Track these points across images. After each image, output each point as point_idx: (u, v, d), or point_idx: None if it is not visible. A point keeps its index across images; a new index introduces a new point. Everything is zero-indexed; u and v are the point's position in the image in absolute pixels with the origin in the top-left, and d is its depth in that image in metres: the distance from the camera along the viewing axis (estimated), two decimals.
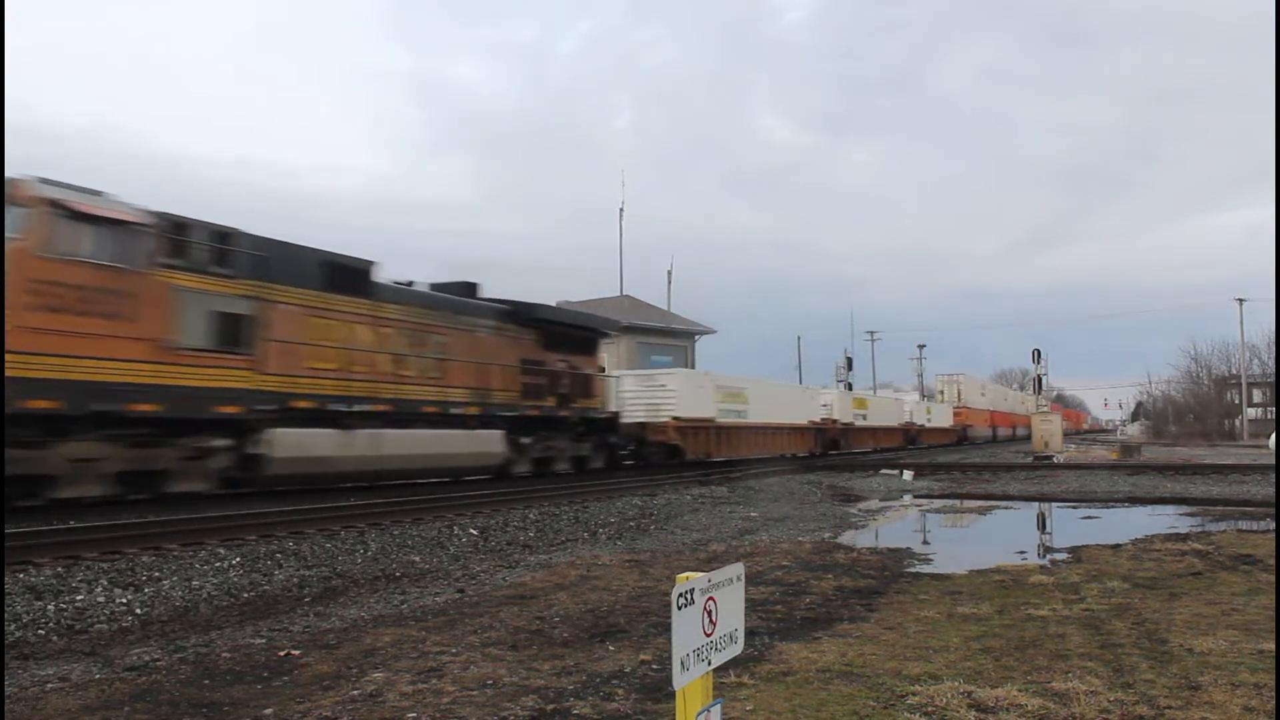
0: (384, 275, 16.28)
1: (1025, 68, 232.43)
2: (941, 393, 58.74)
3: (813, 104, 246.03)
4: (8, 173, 10.24)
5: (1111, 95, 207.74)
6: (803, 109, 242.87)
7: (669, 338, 45.25)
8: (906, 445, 45.81)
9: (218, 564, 9.26)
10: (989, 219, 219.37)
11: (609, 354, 35.86)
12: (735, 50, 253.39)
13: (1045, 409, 46.11)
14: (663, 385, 25.30)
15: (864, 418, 40.66)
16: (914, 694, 4.75)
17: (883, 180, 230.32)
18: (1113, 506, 18.08)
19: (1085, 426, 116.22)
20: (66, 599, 7.65)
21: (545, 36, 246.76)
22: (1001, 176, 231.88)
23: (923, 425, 48.93)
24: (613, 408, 22.89)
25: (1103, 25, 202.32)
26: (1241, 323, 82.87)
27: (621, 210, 50.12)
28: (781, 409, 32.53)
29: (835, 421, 36.20)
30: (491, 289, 19.57)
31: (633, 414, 24.22)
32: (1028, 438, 68.81)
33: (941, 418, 53.03)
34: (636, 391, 25.13)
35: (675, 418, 24.72)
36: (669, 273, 52.29)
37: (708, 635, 2.86)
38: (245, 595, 8.55)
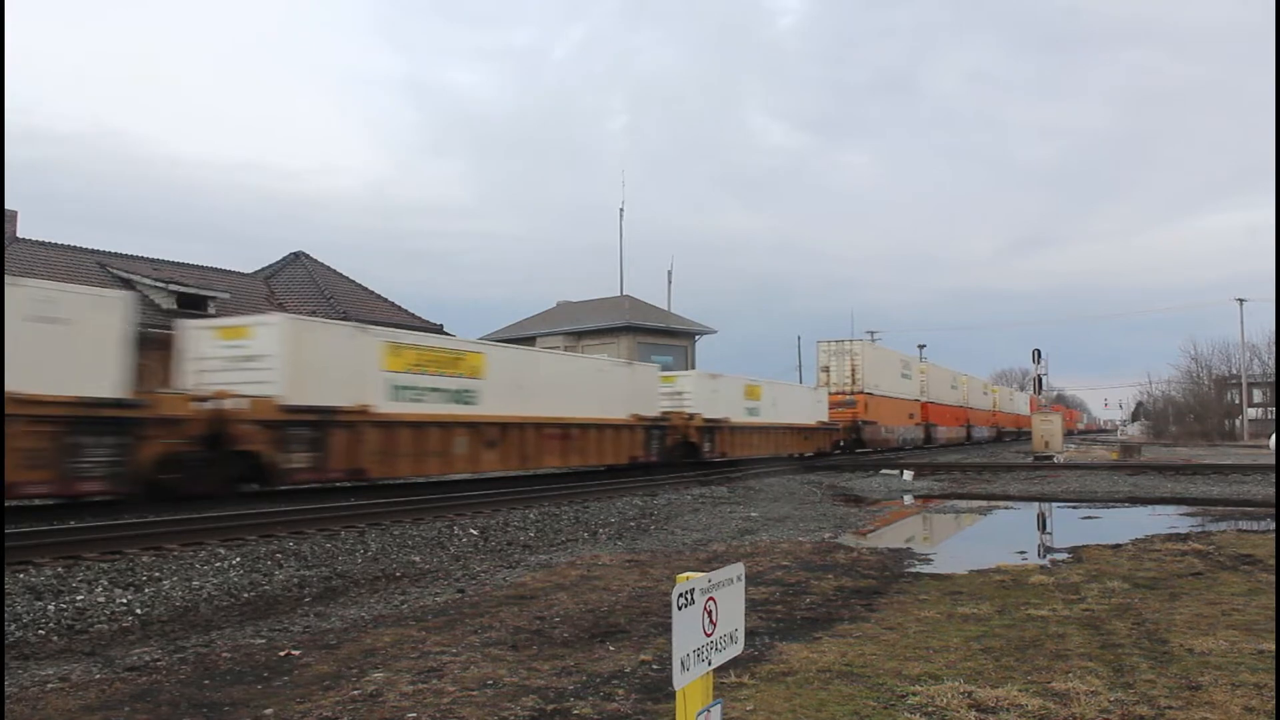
0: None
1: (1022, 70, 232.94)
2: (826, 371, 37.26)
3: (808, 107, 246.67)
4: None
5: (1110, 96, 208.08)
6: (798, 112, 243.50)
7: (669, 338, 45.26)
8: (657, 459, 23.80)
9: (218, 564, 9.26)
10: (990, 220, 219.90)
11: (610, 353, 35.88)
12: (730, 54, 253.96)
13: (1032, 406, 43.42)
14: None
15: (515, 392, 18.77)
16: (914, 694, 4.75)
17: (883, 181, 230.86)
18: (1113, 506, 18.08)
19: (1080, 426, 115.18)
20: (66, 599, 7.64)
21: (540, 41, 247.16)
22: (1001, 178, 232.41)
23: (724, 421, 26.68)
24: None
25: (1100, 27, 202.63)
26: (1242, 323, 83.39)
27: (621, 210, 50.22)
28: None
29: (367, 411, 15.35)
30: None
31: None
32: (994, 440, 58.85)
33: (796, 409, 32.01)
34: None
35: None
36: (669, 273, 52.41)
37: (708, 635, 2.86)
38: (245, 595, 8.55)
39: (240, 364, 14.27)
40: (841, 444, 35.92)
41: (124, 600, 7.84)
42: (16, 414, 10.73)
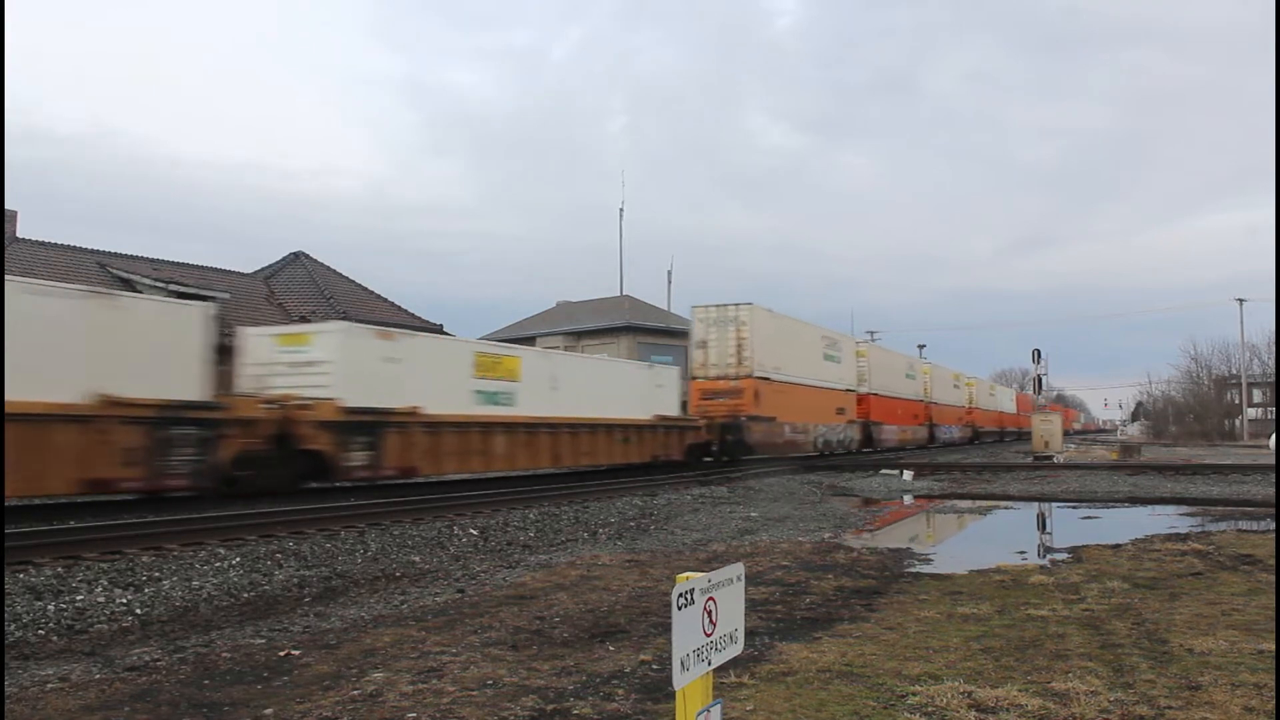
0: None
1: (1022, 70, 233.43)
2: (704, 347, 26.51)
3: (808, 107, 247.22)
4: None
5: (1110, 96, 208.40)
6: (798, 112, 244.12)
7: (669, 338, 45.23)
8: (185, 482, 12.63)
9: (218, 564, 9.26)
10: (990, 220, 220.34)
11: (610, 353, 35.84)
12: (729, 54, 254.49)
13: (1020, 404, 41.70)
14: None
15: None
16: (914, 694, 4.75)
17: (883, 181, 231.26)
18: (1113, 506, 18.07)
19: (1076, 426, 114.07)
20: (66, 599, 7.64)
21: (540, 41, 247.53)
22: (1001, 178, 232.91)
23: (410, 412, 15.91)
24: None
25: (1100, 27, 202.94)
26: (1242, 323, 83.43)
27: (621, 210, 50.21)
28: None
29: None
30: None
31: None
32: (967, 442, 49.81)
33: (610, 398, 21.86)
34: None
35: None
36: (669, 273, 52.30)
37: (708, 635, 2.86)
38: (245, 595, 8.55)
39: None
40: (713, 448, 25.44)
41: (124, 600, 7.84)
42: None
